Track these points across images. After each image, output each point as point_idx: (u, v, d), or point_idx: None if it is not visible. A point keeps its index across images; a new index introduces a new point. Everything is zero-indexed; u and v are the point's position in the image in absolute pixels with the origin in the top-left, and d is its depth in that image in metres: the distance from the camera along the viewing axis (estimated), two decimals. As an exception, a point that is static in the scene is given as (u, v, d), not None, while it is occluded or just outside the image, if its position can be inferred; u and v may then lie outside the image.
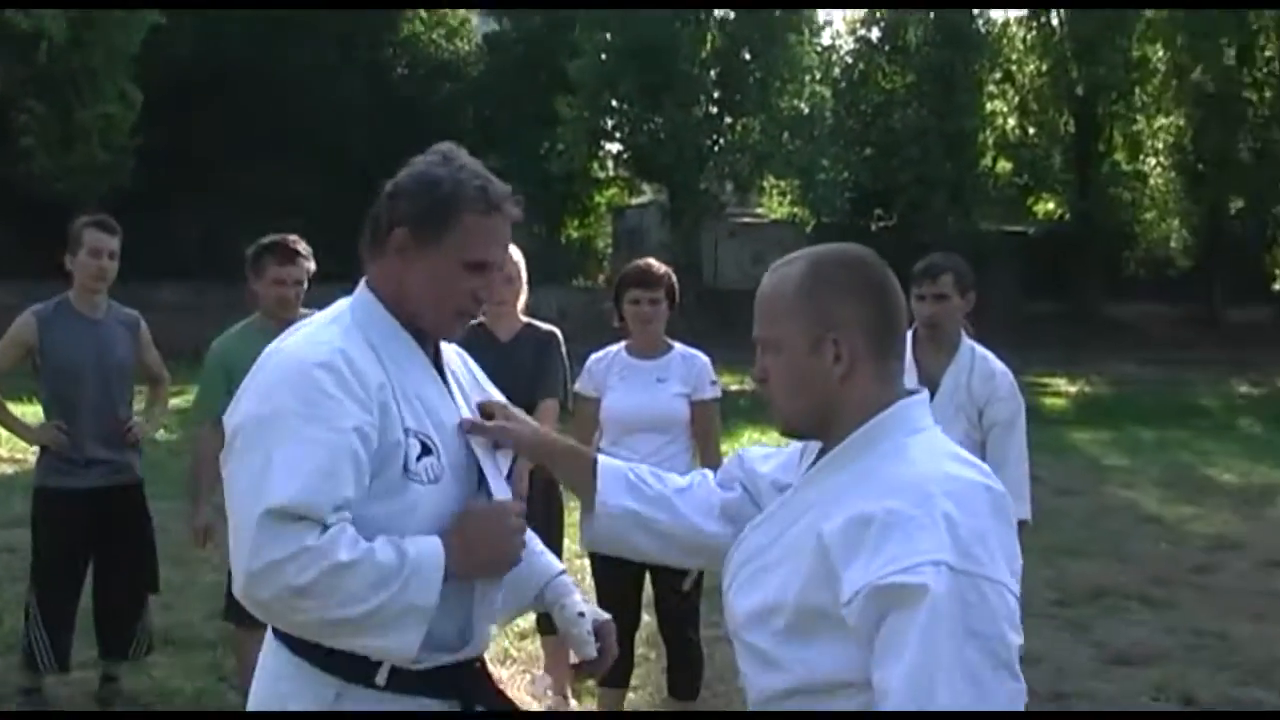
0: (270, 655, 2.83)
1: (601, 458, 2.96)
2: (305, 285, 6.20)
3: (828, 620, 2.34)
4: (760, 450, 2.93)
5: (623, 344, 6.11)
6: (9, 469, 13.96)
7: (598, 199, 46.73)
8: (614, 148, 41.51)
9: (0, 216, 33.63)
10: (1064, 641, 7.98)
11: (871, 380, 2.48)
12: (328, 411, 2.59)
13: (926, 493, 2.29)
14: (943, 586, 2.19)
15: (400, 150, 2.98)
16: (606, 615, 3.11)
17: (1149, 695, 6.97)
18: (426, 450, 2.72)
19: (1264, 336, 37.44)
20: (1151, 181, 40.30)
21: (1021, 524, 5.63)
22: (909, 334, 5.78)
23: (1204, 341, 37.03)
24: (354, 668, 2.69)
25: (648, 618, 6.49)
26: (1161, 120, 39.94)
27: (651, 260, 6.18)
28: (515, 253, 6.30)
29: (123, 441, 6.51)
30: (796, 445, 2.76)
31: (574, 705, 6.76)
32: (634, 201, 45.63)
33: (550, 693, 6.80)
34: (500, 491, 2.88)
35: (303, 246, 6.17)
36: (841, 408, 2.49)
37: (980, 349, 5.82)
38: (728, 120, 38.28)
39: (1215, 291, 40.64)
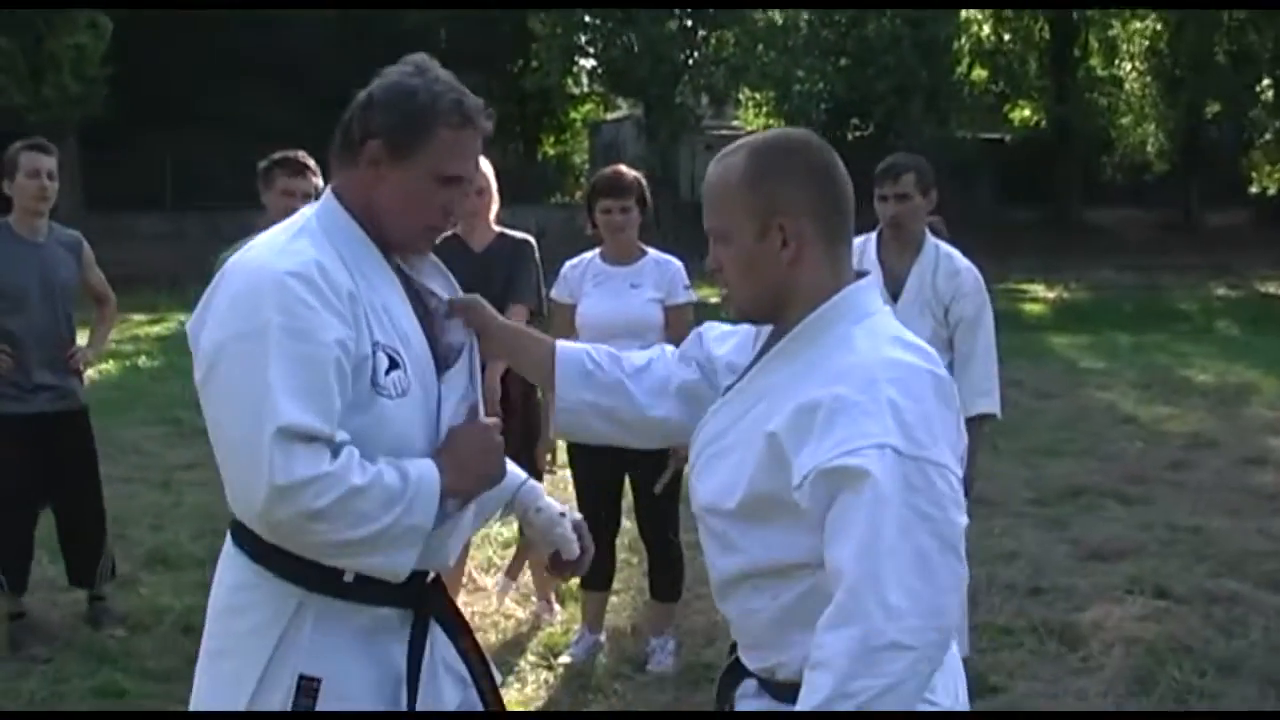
0: (228, 565, 2.86)
1: (560, 345, 3.01)
2: (312, 199, 6.21)
3: (781, 505, 2.41)
4: (718, 329, 2.96)
5: (596, 251, 6.15)
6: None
7: (573, 115, 46.54)
8: (588, 63, 41.23)
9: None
10: (1041, 538, 8.11)
11: (820, 264, 2.54)
12: (310, 324, 2.59)
13: (872, 379, 2.36)
14: (887, 469, 2.26)
15: (372, 74, 2.98)
16: (579, 515, 3.18)
17: (1124, 588, 7.08)
18: (394, 364, 2.73)
19: (1241, 240, 37.47)
20: (1128, 86, 40.13)
21: (988, 417, 5.76)
22: (874, 235, 5.86)
23: (1181, 246, 37.04)
24: (319, 576, 2.73)
25: (628, 523, 6.57)
26: (1137, 25, 39.68)
27: (621, 168, 6.21)
28: (485, 164, 6.32)
29: (67, 367, 6.52)
30: (742, 330, 2.83)
31: (557, 610, 6.85)
32: (610, 116, 45.44)
33: (535, 599, 6.90)
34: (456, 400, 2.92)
35: (311, 162, 6.17)
36: (792, 292, 2.54)
37: (945, 246, 5.87)
38: (702, 33, 37.98)
39: (1192, 196, 40.60)
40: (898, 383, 2.36)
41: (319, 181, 6.26)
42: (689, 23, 37.60)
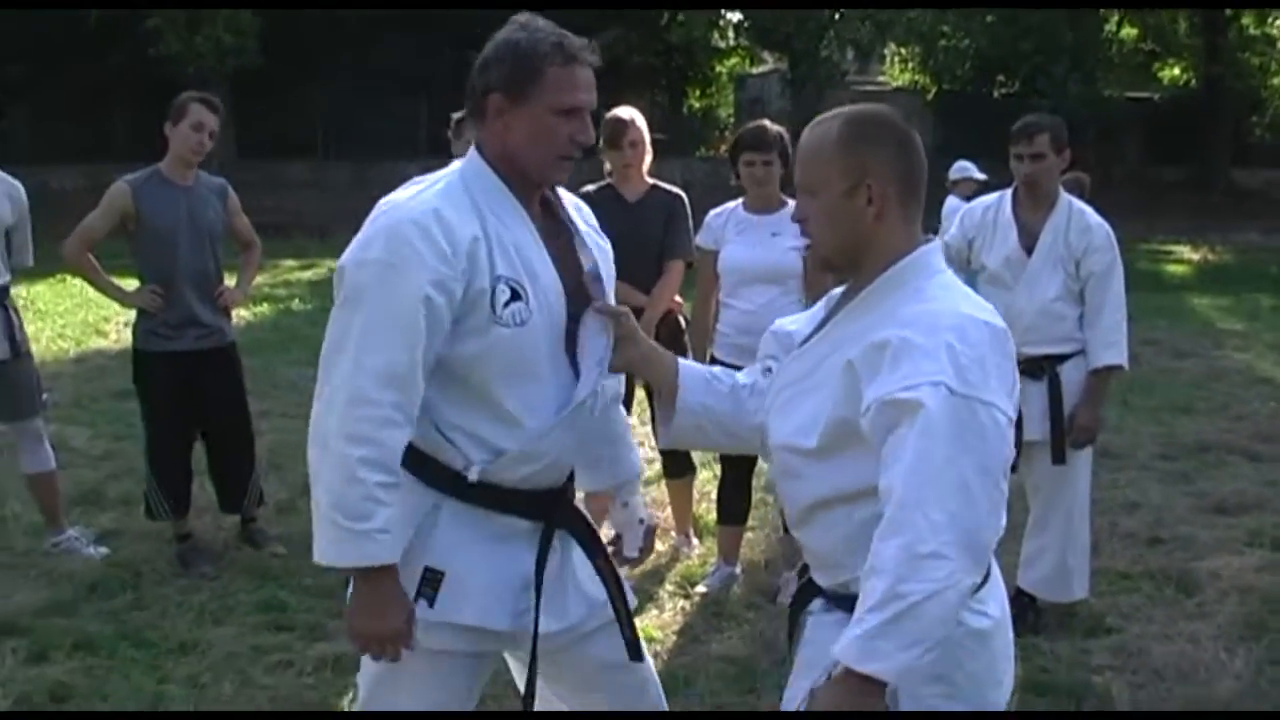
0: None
1: (683, 361, 3.32)
2: None
3: (854, 433, 2.74)
4: (785, 321, 3.28)
5: (740, 201, 6.44)
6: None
7: (719, 68, 46.53)
8: (735, 16, 41.25)
9: (131, 101, 34.24)
10: (1165, 491, 8.27)
11: (897, 225, 2.89)
12: (408, 263, 2.95)
13: (935, 325, 2.69)
14: (939, 403, 2.59)
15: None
16: (658, 520, 3.57)
17: (1243, 541, 7.25)
18: (516, 296, 3.07)
19: (1394, 203, 36.67)
20: (1281, 45, 39.40)
21: (1116, 368, 5.97)
22: (1009, 193, 6.09)
23: (1333, 209, 36.35)
24: (449, 479, 3.14)
25: (765, 464, 6.88)
26: (1293, -17, 38.91)
27: (765, 122, 6.49)
28: (638, 117, 6.69)
29: (215, 305, 6.90)
30: (817, 309, 3.14)
31: (695, 543, 7.19)
32: (755, 70, 45.39)
33: (674, 533, 7.23)
34: (586, 357, 3.22)
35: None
36: (872, 246, 2.88)
37: (1078, 203, 6.07)
38: (848, -12, 37.92)
39: (1345, 158, 39.80)
40: (957, 330, 2.68)
41: None
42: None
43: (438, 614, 3.14)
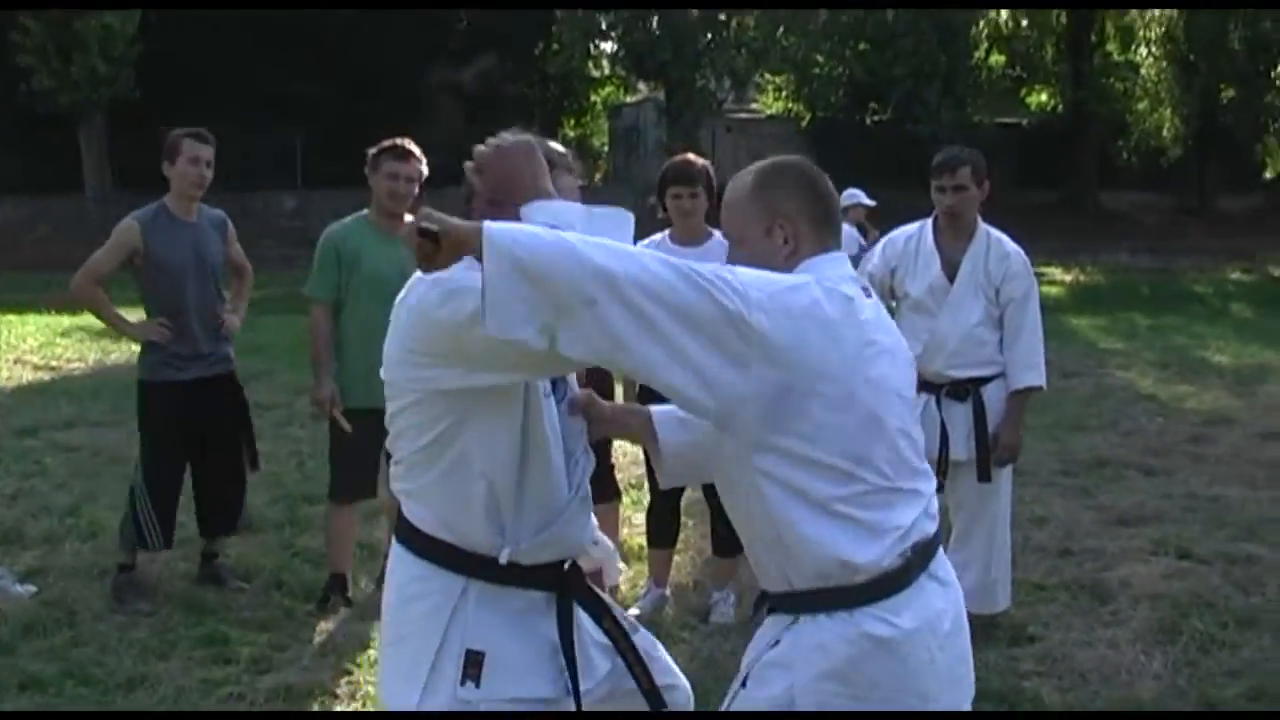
0: (399, 564, 3.40)
1: (654, 410, 3.54)
2: (416, 185, 6.72)
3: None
4: None
5: (667, 232, 6.63)
6: (45, 376, 14.49)
7: (593, 98, 46.88)
8: (609, 46, 41.62)
9: (6, 131, 33.83)
10: (1069, 505, 8.61)
11: (815, 253, 3.20)
12: None
13: None
14: None
15: (400, 53, 3.49)
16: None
17: (1149, 550, 7.57)
18: None
19: (1254, 224, 37.82)
20: (1143, 72, 40.37)
21: (1035, 389, 6.25)
22: (929, 223, 6.36)
23: (1196, 230, 37.40)
24: (478, 563, 3.28)
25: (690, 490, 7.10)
26: (1153, 11, 39.99)
27: (690, 156, 6.70)
28: (565, 151, 6.84)
29: (219, 334, 7.04)
30: None
31: (623, 567, 7.33)
32: (630, 100, 45.76)
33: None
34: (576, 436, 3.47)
35: (416, 149, 6.68)
36: None
37: (995, 232, 6.34)
38: (723, 17, 38.37)
39: (1206, 180, 40.98)
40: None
41: (424, 168, 6.76)
42: (710, 7, 37.96)
43: (485, 693, 3.25)
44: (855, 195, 14.90)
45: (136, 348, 15.42)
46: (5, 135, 33.77)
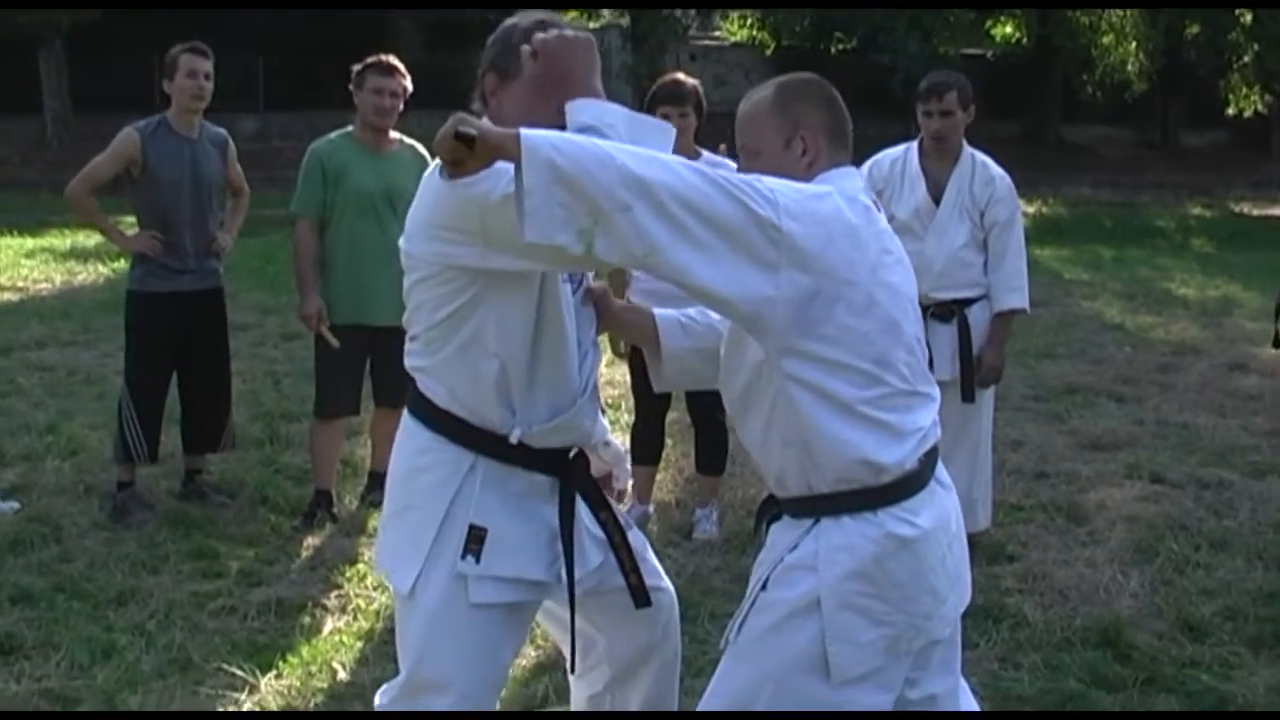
0: (408, 435, 3.46)
1: (658, 312, 3.62)
2: (400, 101, 6.73)
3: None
4: None
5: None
6: (13, 297, 14.43)
7: (558, 23, 46.57)
8: (574, -29, 41.33)
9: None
10: (1043, 429, 8.73)
11: (830, 167, 3.28)
12: None
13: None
14: None
15: None
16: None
17: (1122, 474, 7.70)
18: None
19: (1217, 160, 38.05)
20: (1109, 7, 40.48)
21: (1017, 311, 6.33)
22: (915, 145, 6.39)
23: (1159, 165, 37.59)
24: (488, 440, 3.34)
25: (675, 414, 7.18)
26: (1121, -55, 40.03)
27: (680, 76, 6.71)
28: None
29: (210, 250, 7.05)
30: None
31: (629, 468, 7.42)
32: (593, 25, 45.49)
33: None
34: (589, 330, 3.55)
35: (400, 65, 6.68)
36: None
37: (980, 155, 6.40)
38: (690, -56, 38.22)
39: (1170, 116, 41.18)
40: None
41: (408, 83, 6.77)
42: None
43: (483, 568, 3.32)
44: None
45: (101, 268, 15.63)
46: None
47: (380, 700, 3.51)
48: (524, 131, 2.79)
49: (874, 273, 3.08)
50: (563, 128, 3.10)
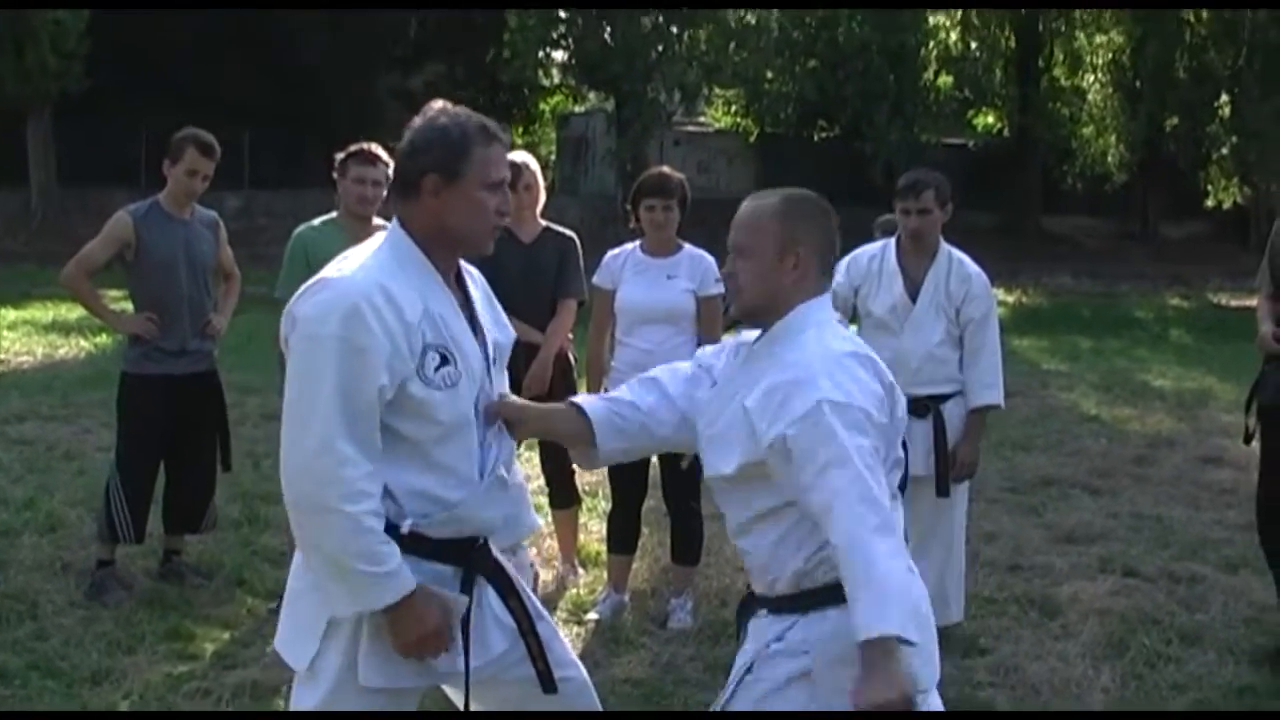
0: None
1: (588, 407, 3.72)
2: (383, 189, 6.80)
3: (758, 467, 3.33)
4: (709, 349, 3.86)
5: (637, 243, 6.75)
6: (-5, 367, 14.42)
7: (542, 106, 46.99)
8: (560, 55, 41.73)
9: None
10: (1018, 522, 8.77)
11: (814, 286, 3.48)
12: (368, 352, 3.26)
13: (812, 368, 3.29)
14: (828, 416, 3.21)
15: (349, 56, 3.63)
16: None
17: (1096, 567, 7.74)
18: (445, 360, 3.40)
19: (1196, 252, 38.39)
20: (1090, 98, 40.87)
21: (993, 407, 6.40)
22: (893, 242, 6.50)
23: (1137, 255, 37.94)
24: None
25: (652, 501, 7.22)
26: (1101, 37, 40.46)
27: (665, 169, 6.83)
28: (531, 162, 6.99)
29: (204, 333, 7.11)
30: (729, 342, 3.74)
31: (581, 572, 7.45)
32: (579, 110, 45.89)
33: (559, 563, 7.48)
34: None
35: (384, 154, 6.76)
36: (789, 301, 3.45)
37: (957, 253, 6.50)
38: (675, 30, 38.58)
39: (1149, 207, 41.57)
40: (828, 364, 3.30)
41: (390, 170, 6.84)
42: (662, 19, 38.15)
43: (372, 651, 3.42)
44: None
45: (84, 343, 15.65)
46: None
47: None
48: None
49: (892, 412, 3.40)
50: (498, 227, 3.52)
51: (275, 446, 3.16)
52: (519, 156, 7.06)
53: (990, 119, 42.56)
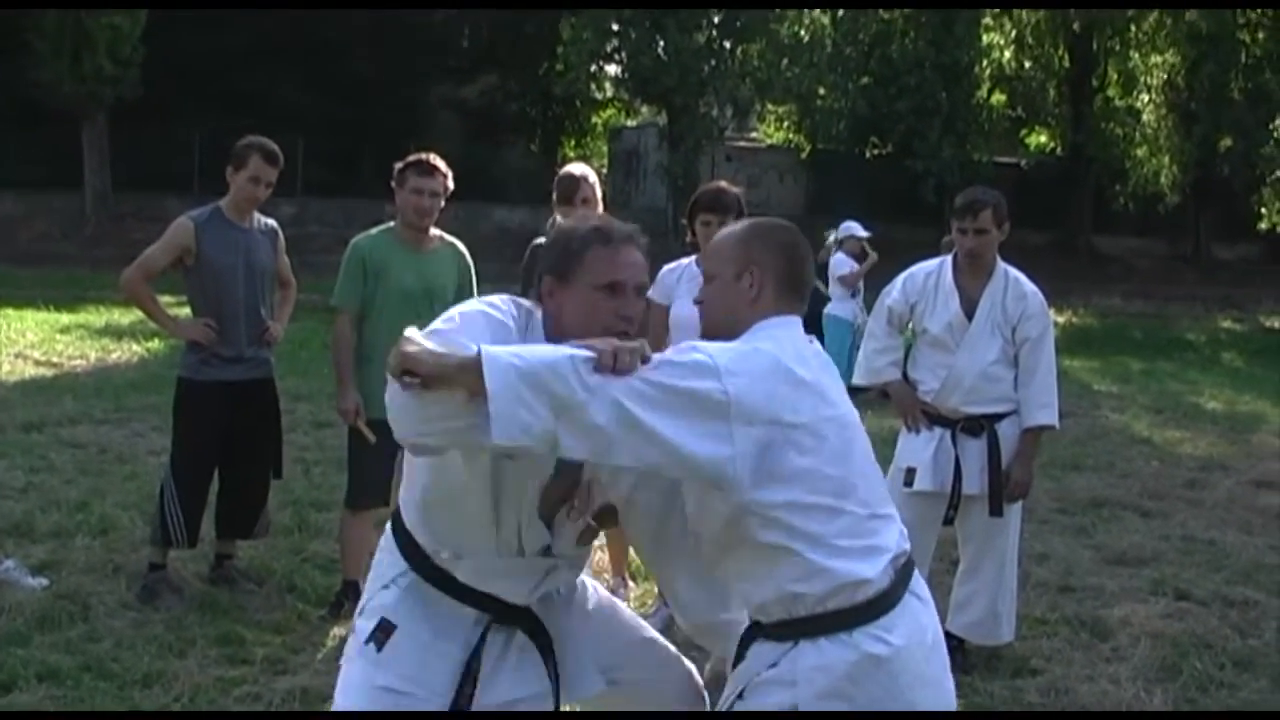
0: (386, 533, 3.78)
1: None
2: (441, 200, 6.83)
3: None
4: None
5: (693, 258, 6.73)
6: (47, 372, 14.54)
7: (595, 119, 47.09)
8: (613, 69, 41.80)
9: (7, 126, 33.90)
10: (1068, 543, 8.72)
11: (772, 309, 3.50)
12: None
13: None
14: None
15: (402, 66, 3.66)
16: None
17: (1147, 590, 7.69)
18: None
19: (1248, 274, 38.13)
20: (1144, 118, 40.53)
21: (1046, 427, 6.36)
22: (949, 260, 6.47)
23: (1189, 277, 37.71)
24: (419, 558, 3.64)
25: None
26: (1156, 58, 40.20)
27: (723, 184, 6.81)
28: (590, 175, 7.02)
29: (262, 340, 7.15)
30: None
31: (631, 585, 7.44)
32: (631, 123, 45.94)
33: (608, 576, 7.47)
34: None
35: (442, 164, 6.79)
36: (744, 323, 3.49)
37: (1014, 272, 6.47)
38: (728, 45, 38.62)
39: (1202, 229, 41.28)
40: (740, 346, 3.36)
41: (450, 183, 6.88)
42: (715, 34, 38.19)
43: (379, 660, 3.60)
44: (850, 228, 15.29)
45: (136, 347, 15.76)
46: (10, 131, 33.82)
47: None
48: (484, 349, 3.06)
49: (817, 410, 3.31)
50: (616, 331, 3.41)
51: (326, 454, 3.22)
52: (578, 169, 7.08)
53: (1043, 138, 42.43)
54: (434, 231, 7.00)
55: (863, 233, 15.11)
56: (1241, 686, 6.27)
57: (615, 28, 38.37)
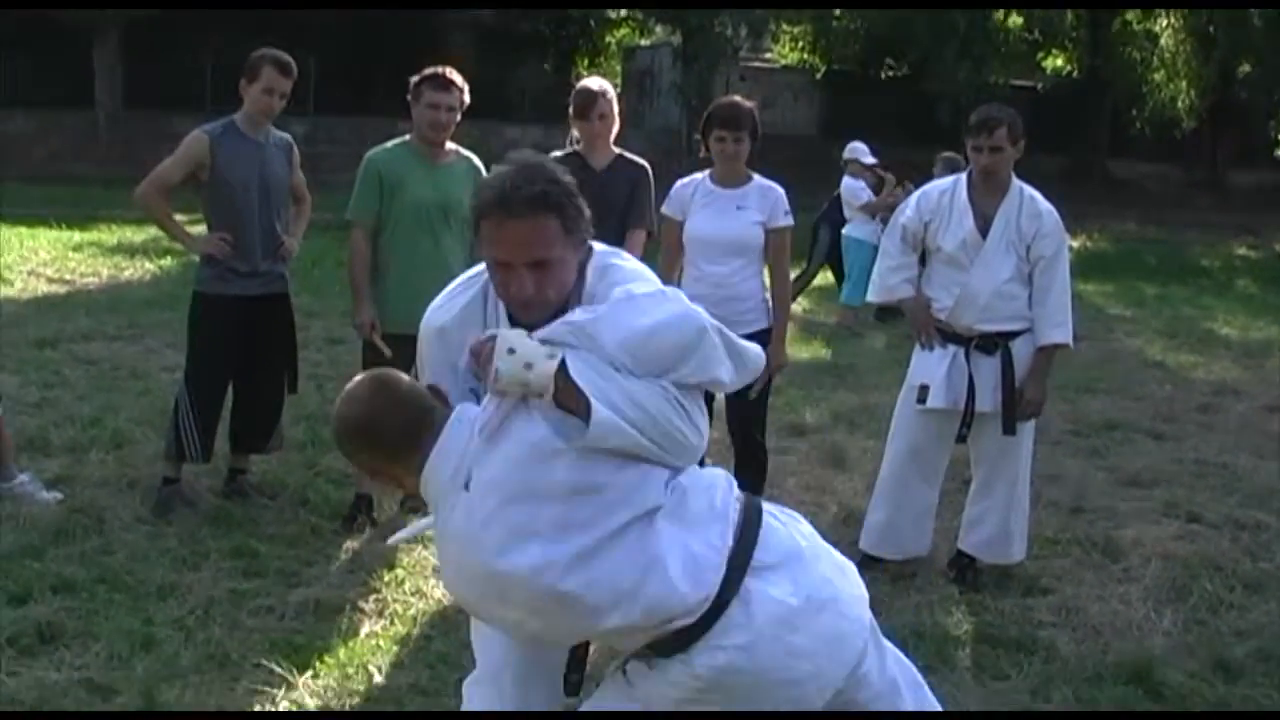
0: None
1: None
2: (457, 114, 6.78)
3: None
4: None
5: (707, 172, 6.68)
6: (60, 289, 14.53)
7: (608, 39, 46.73)
8: (628, -12, 41.46)
9: (20, 44, 33.71)
10: (1080, 465, 8.73)
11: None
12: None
13: None
14: None
15: None
16: None
17: (1159, 512, 7.70)
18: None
19: (1264, 201, 37.83)
20: (1162, 42, 40.24)
21: (1060, 346, 6.34)
22: (964, 178, 6.42)
23: (1205, 203, 37.46)
24: None
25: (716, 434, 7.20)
26: (1175, -20, 39.89)
27: (737, 99, 6.76)
28: (608, 89, 6.93)
29: (277, 255, 7.12)
30: None
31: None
32: (645, 43, 45.57)
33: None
34: None
35: (458, 78, 6.74)
36: None
37: (1029, 189, 6.42)
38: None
39: (1219, 154, 40.99)
40: None
41: (465, 95, 6.83)
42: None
43: None
44: (857, 149, 14.96)
45: (149, 264, 15.75)
46: (20, 48, 33.64)
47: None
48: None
49: None
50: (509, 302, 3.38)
51: (339, 369, 3.20)
52: (596, 84, 7.00)
53: (1060, 61, 42.04)
54: (449, 145, 6.96)
55: (869, 159, 14.87)
56: (1251, 609, 6.28)
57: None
